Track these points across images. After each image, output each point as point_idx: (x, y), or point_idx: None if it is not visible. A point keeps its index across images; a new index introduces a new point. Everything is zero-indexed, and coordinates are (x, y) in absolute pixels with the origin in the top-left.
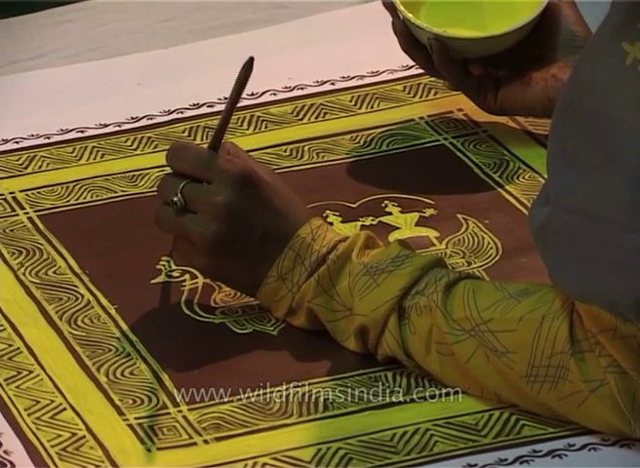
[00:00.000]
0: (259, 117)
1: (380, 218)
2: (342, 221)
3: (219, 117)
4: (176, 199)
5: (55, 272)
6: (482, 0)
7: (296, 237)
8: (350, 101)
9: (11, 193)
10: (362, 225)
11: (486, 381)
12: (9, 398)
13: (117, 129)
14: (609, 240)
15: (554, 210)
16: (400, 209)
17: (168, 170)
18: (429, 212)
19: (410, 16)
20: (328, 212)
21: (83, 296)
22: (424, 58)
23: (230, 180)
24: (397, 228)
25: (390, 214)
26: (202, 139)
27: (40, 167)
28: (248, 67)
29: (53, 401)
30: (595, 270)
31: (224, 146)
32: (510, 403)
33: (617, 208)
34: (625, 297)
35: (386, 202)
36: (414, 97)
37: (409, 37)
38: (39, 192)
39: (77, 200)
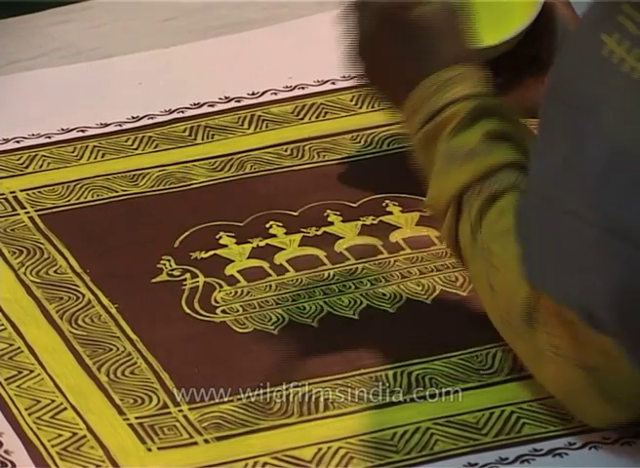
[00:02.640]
0: (259, 116)
1: (380, 218)
2: (343, 221)
3: (219, 117)
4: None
5: (55, 271)
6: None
7: (425, 81)
8: (351, 101)
9: (12, 192)
10: (363, 225)
11: (485, 307)
12: (9, 397)
13: (118, 128)
14: (570, 232)
15: (528, 195)
16: (401, 208)
17: (168, 169)
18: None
19: None
20: (329, 211)
21: (84, 296)
22: None
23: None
24: (398, 227)
25: (391, 213)
26: (203, 139)
27: (41, 166)
28: None
29: (53, 400)
30: (552, 261)
31: None
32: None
33: (582, 200)
34: (574, 292)
35: (387, 201)
36: None
37: None
38: (40, 191)
39: (78, 199)
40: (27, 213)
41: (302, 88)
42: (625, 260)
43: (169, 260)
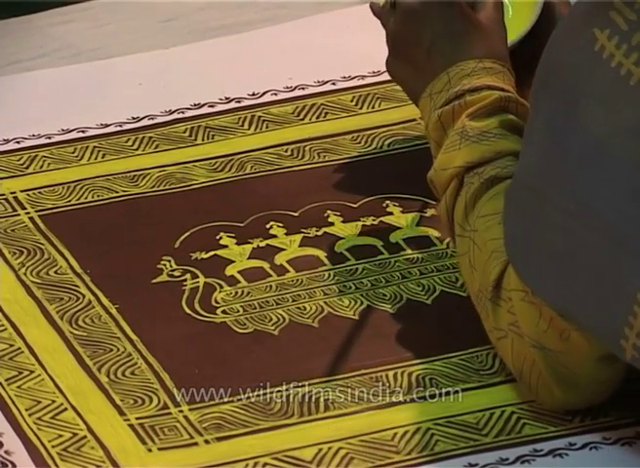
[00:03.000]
0: (259, 117)
1: (381, 218)
2: (343, 221)
3: (219, 117)
4: None
5: (56, 272)
6: None
7: (457, 65)
8: (351, 101)
9: (12, 193)
10: (363, 225)
11: (466, 284)
12: (10, 398)
13: (118, 129)
14: (552, 223)
15: (514, 181)
16: (401, 209)
17: (168, 170)
18: (430, 211)
19: None
20: (329, 212)
21: (84, 296)
22: None
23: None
24: (398, 228)
25: (391, 214)
26: (203, 140)
27: (41, 167)
28: None
29: (54, 401)
30: (536, 251)
31: None
32: None
33: (562, 192)
34: (542, 275)
35: (387, 202)
36: None
37: None
38: (40, 192)
39: (78, 200)
40: (28, 213)
41: (303, 88)
42: (601, 255)
43: (169, 261)
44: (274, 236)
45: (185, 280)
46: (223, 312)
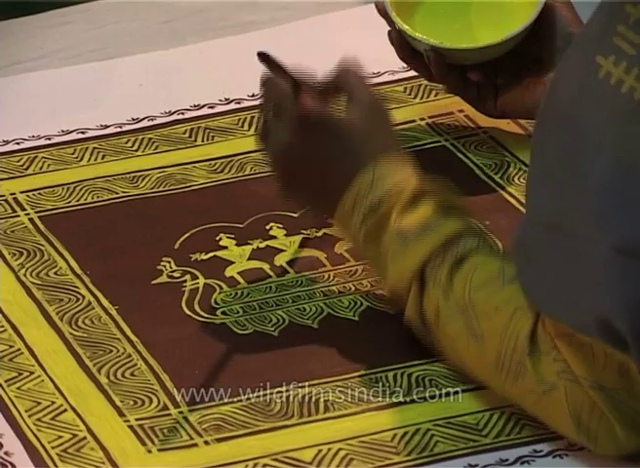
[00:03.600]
0: (259, 118)
1: None
2: None
3: (219, 118)
4: (261, 122)
5: (55, 273)
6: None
7: (358, 178)
8: None
9: (12, 194)
10: None
11: (468, 364)
12: (10, 399)
13: (118, 130)
14: (577, 254)
15: (527, 223)
16: None
17: (168, 171)
18: None
19: (406, 27)
20: None
21: (84, 297)
22: (423, 67)
23: (294, 124)
24: None
25: None
26: (203, 140)
27: (41, 168)
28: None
29: (53, 402)
30: (562, 288)
31: (306, 86)
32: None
33: (585, 220)
34: (588, 315)
35: None
36: (414, 98)
37: (406, 46)
38: (40, 193)
39: (78, 201)
40: (27, 214)
41: None
42: (638, 276)
43: (169, 262)
44: (274, 237)
45: (185, 281)
46: (223, 313)
